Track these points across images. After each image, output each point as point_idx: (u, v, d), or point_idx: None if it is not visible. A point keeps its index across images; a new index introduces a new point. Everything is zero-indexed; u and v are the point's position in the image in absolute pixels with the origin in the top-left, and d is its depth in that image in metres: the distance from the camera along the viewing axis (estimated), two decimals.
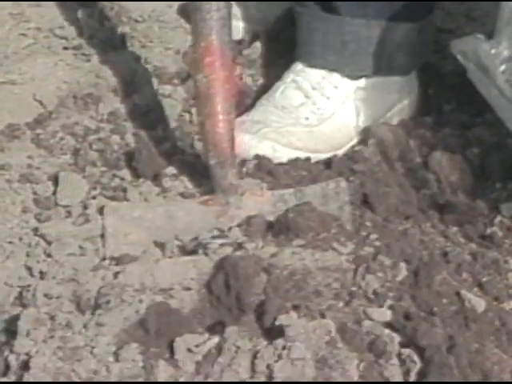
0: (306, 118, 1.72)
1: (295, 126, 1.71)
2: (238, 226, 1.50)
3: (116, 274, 1.39)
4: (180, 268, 1.39)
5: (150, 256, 1.48)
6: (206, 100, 1.54)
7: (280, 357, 1.23)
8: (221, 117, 1.54)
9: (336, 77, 1.73)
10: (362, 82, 1.74)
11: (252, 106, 1.78)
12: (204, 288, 1.35)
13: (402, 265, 1.36)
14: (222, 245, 1.44)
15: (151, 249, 1.51)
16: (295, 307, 1.29)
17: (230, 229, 1.50)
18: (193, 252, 1.46)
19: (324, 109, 1.73)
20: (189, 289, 1.36)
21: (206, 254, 1.41)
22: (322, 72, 1.74)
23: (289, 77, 1.76)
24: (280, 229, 1.45)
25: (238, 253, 1.39)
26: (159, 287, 1.36)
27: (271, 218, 1.49)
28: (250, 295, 1.31)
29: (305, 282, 1.33)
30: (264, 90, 1.84)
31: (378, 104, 1.75)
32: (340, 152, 1.72)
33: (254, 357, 1.23)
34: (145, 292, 1.35)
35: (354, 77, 1.73)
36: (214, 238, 1.48)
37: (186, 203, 1.60)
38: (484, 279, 1.37)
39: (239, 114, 1.68)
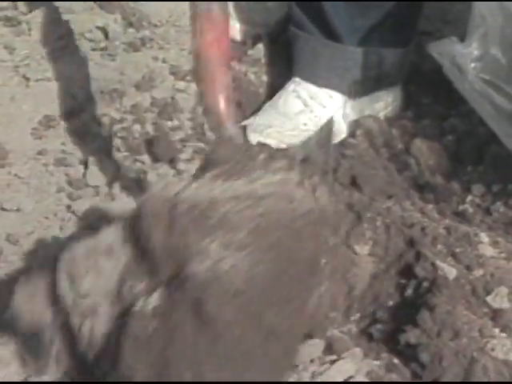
0: (305, 124, 1.72)
1: (294, 130, 1.70)
2: None
3: None
4: None
5: None
6: None
7: None
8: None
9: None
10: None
11: (258, 110, 1.77)
12: None
13: None
14: None
15: None
16: None
17: None
18: None
19: (320, 116, 1.72)
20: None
21: None
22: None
23: (290, 86, 1.75)
24: None
25: None
26: None
27: None
28: None
29: None
30: (266, 86, 1.84)
31: (369, 111, 1.75)
32: None
33: None
34: None
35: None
36: None
37: None
38: (457, 250, 1.37)
39: (247, 118, 1.69)
